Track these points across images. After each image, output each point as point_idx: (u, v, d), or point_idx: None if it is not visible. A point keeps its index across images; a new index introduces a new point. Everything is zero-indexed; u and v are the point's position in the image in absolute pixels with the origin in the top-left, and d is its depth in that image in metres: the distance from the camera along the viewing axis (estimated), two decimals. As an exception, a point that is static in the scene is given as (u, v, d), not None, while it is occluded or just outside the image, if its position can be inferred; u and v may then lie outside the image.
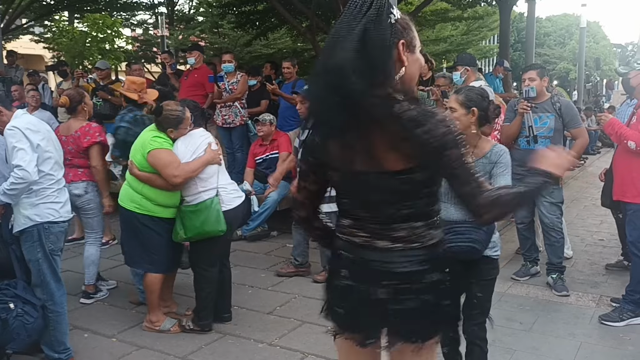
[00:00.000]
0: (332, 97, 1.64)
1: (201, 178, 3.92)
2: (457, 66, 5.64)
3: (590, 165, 11.76)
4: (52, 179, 3.42)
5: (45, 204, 3.37)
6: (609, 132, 4.28)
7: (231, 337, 3.97)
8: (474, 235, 2.75)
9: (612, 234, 6.13)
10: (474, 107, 2.91)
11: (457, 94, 2.98)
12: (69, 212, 3.54)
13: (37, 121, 3.46)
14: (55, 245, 3.43)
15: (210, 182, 3.96)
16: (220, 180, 4.03)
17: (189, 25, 19.01)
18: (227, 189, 4.06)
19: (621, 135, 4.11)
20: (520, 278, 5.02)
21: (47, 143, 3.37)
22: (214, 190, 3.95)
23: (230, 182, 4.18)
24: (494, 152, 2.91)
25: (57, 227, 3.43)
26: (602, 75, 31.67)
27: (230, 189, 4.09)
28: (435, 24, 17.72)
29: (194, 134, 4.03)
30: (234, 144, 7.34)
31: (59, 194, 3.46)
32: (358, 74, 1.60)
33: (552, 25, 39.71)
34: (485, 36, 23.11)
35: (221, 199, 3.96)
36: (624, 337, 3.90)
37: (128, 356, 3.74)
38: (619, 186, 4.30)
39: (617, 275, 5.09)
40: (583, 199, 8.46)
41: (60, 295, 3.50)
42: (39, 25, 18.07)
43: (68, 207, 3.54)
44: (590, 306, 4.47)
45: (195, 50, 7.82)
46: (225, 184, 4.08)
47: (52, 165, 3.41)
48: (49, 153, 3.38)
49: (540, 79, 4.76)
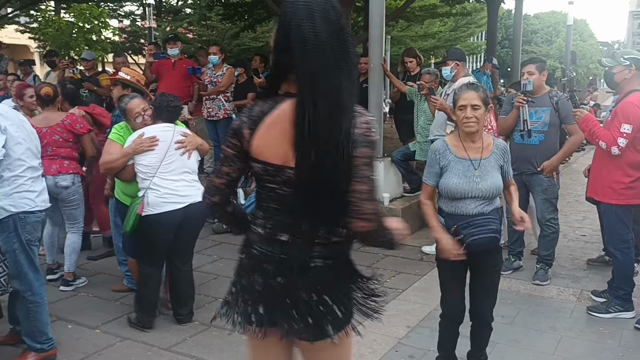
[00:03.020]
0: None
1: (138, 173, 3.88)
2: (448, 61, 5.60)
3: (574, 162, 11.88)
4: (23, 165, 3.31)
5: (19, 193, 3.29)
6: (582, 128, 4.31)
7: (215, 329, 3.98)
8: (493, 226, 2.89)
9: (595, 230, 6.22)
10: (490, 104, 2.99)
11: (476, 91, 2.91)
12: (45, 201, 3.46)
13: (8, 109, 3.42)
14: (32, 236, 3.37)
15: (143, 181, 3.86)
16: (159, 181, 3.81)
17: (177, 17, 18.85)
18: (160, 191, 3.79)
19: (593, 134, 4.15)
20: (503, 272, 5.05)
21: (16, 129, 3.28)
22: (145, 189, 3.84)
23: (177, 185, 3.85)
24: (499, 147, 3.02)
25: (33, 217, 3.36)
26: (588, 73, 31.90)
27: (164, 192, 3.79)
28: (424, 20, 17.72)
29: (149, 129, 3.95)
30: (220, 137, 7.33)
31: (34, 183, 3.38)
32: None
33: (539, 22, 39.83)
34: (473, 33, 23.14)
35: (147, 200, 3.78)
36: (604, 331, 3.97)
37: (112, 347, 3.74)
38: (592, 183, 4.39)
39: (599, 270, 5.17)
40: (567, 195, 8.55)
41: (39, 285, 3.45)
42: (24, 15, 17.81)
43: (45, 197, 3.46)
44: (571, 300, 4.53)
45: (178, 40, 7.78)
46: (163, 185, 3.80)
47: (23, 151, 3.30)
48: (19, 138, 3.28)
49: (539, 73, 4.78)
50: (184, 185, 3.88)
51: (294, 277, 1.80)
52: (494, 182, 2.92)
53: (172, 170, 3.87)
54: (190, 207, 3.85)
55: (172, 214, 3.81)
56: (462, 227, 2.87)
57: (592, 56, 32.72)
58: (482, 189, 2.90)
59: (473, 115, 2.87)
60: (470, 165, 2.93)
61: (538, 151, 4.79)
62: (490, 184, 2.91)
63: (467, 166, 2.93)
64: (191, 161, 4.00)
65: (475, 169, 2.92)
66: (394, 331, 3.88)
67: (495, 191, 2.93)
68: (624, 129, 3.95)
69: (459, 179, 2.92)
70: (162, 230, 3.85)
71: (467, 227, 2.87)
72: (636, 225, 4.82)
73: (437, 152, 3.02)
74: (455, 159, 2.96)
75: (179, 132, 3.98)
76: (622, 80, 4.15)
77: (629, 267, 4.24)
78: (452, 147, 3.00)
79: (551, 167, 4.75)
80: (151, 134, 3.88)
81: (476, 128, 2.90)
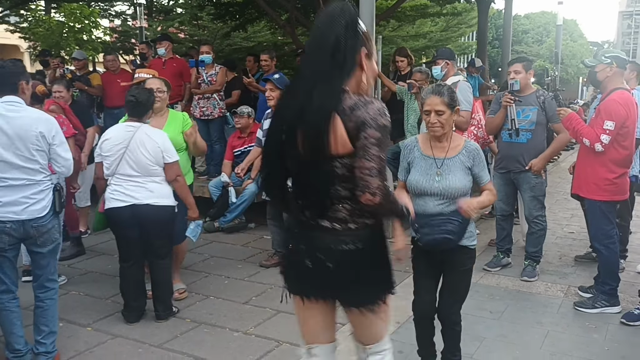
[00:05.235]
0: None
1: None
2: (437, 60, 5.61)
3: (563, 160, 12.00)
4: None
5: None
6: (566, 126, 4.37)
7: (206, 326, 4.00)
8: (448, 227, 2.86)
9: (582, 227, 6.27)
10: (457, 106, 2.96)
11: (441, 96, 2.91)
12: (10, 212, 3.20)
13: None
14: None
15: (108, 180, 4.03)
16: (114, 179, 3.95)
17: (168, 17, 18.80)
18: (111, 188, 3.96)
19: (577, 132, 4.21)
20: (492, 269, 5.14)
21: None
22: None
23: (127, 185, 3.91)
24: (469, 149, 2.98)
25: None
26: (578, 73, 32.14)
27: (112, 190, 3.94)
28: (415, 20, 17.77)
29: (112, 130, 4.10)
30: (212, 136, 7.32)
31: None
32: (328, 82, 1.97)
33: (530, 22, 40.10)
34: (463, 33, 23.22)
35: (106, 195, 4.00)
36: (590, 326, 4.03)
37: (103, 345, 3.76)
38: (577, 180, 4.45)
39: (586, 267, 5.23)
40: (555, 193, 8.65)
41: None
42: (14, 15, 17.71)
43: (9, 208, 3.20)
44: (558, 296, 4.59)
45: (165, 40, 7.73)
46: (115, 183, 3.94)
47: None
48: None
49: (526, 72, 4.84)
50: (132, 186, 3.92)
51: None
52: (454, 183, 2.90)
53: (123, 170, 3.93)
54: (136, 207, 3.89)
55: (117, 211, 3.91)
56: (420, 225, 2.90)
57: (582, 56, 32.97)
58: (440, 187, 2.89)
59: (437, 121, 2.90)
60: (433, 163, 2.95)
61: (526, 149, 4.84)
62: (449, 184, 2.89)
63: (429, 164, 2.95)
64: (146, 162, 3.90)
65: (437, 168, 2.93)
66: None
67: (456, 192, 2.89)
68: (606, 126, 4.01)
69: (420, 176, 2.94)
70: (113, 226, 4.06)
71: (424, 226, 2.89)
72: (621, 221, 4.91)
73: (406, 149, 3.07)
74: (420, 156, 2.99)
75: (143, 131, 3.92)
76: (604, 79, 4.20)
77: (614, 262, 4.30)
78: (420, 144, 3.03)
79: (539, 165, 4.80)
80: (111, 135, 3.99)
81: (441, 132, 2.93)
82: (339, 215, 2.07)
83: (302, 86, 2.04)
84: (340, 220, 2.07)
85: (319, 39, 2.00)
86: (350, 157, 1.98)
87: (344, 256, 2.08)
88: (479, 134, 5.70)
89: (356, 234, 2.08)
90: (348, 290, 2.16)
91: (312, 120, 1.95)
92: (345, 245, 2.07)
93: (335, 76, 1.97)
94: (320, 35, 2.00)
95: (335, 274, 2.10)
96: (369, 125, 1.94)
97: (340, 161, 1.99)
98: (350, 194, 2.02)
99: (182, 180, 4.09)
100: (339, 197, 2.05)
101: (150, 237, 4.01)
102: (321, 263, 2.09)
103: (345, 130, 1.96)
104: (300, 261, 2.14)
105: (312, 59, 2.06)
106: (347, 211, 2.07)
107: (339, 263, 2.08)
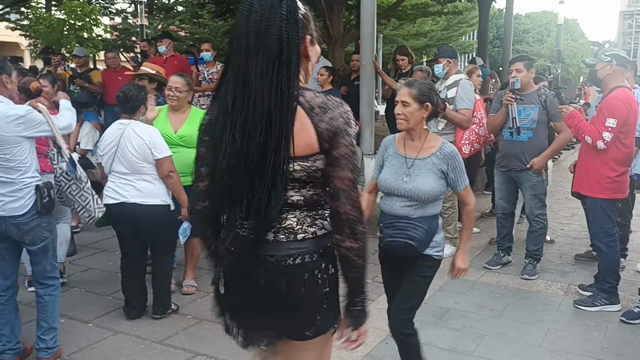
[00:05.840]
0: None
1: None
2: (439, 58, 5.57)
3: (564, 160, 11.99)
4: None
5: None
6: (568, 124, 4.38)
7: (207, 323, 4.01)
8: (412, 233, 2.73)
9: (583, 226, 6.28)
10: (428, 102, 2.82)
11: (410, 88, 2.83)
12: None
13: None
14: None
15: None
16: (110, 176, 4.01)
17: (169, 15, 18.84)
18: (107, 184, 4.02)
19: (579, 129, 4.22)
20: (492, 267, 5.15)
21: None
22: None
23: (119, 182, 3.94)
24: (444, 151, 2.82)
25: None
26: (579, 72, 32.11)
27: (106, 187, 4.00)
28: (416, 18, 17.78)
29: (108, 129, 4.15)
30: (212, 133, 7.33)
31: None
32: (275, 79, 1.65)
33: (531, 22, 40.02)
34: (464, 32, 23.26)
35: (103, 191, 4.04)
36: (590, 324, 4.04)
37: (104, 341, 3.77)
38: (578, 178, 4.46)
39: (586, 265, 5.24)
40: (556, 192, 8.65)
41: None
42: (15, 12, 17.72)
43: None
44: (558, 294, 4.60)
45: (165, 38, 7.74)
46: (109, 180, 3.99)
47: None
48: None
49: (527, 71, 4.84)
50: (123, 184, 3.93)
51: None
52: (422, 185, 2.75)
53: (116, 168, 3.95)
54: (125, 205, 3.90)
55: (109, 208, 3.91)
56: (385, 227, 2.82)
57: (582, 56, 32.92)
58: (407, 188, 2.76)
59: (402, 112, 2.81)
60: (404, 162, 2.84)
61: (527, 148, 4.85)
62: (417, 186, 2.75)
63: (400, 163, 2.85)
64: (133, 159, 3.88)
65: (407, 167, 2.82)
66: (384, 324, 3.91)
67: (424, 195, 2.74)
68: (609, 123, 4.02)
69: (389, 174, 2.85)
70: (110, 222, 4.08)
71: (389, 228, 2.79)
72: (621, 219, 4.92)
73: (383, 145, 2.99)
74: (393, 154, 2.90)
75: (131, 128, 3.89)
76: (605, 77, 4.21)
77: (614, 260, 4.31)
78: (396, 142, 2.93)
79: (540, 164, 4.81)
80: (106, 133, 4.05)
81: (405, 125, 2.83)
82: (286, 224, 1.76)
83: (251, 91, 1.66)
84: (288, 230, 1.76)
85: (262, 38, 1.65)
86: (309, 159, 1.72)
87: (290, 272, 1.76)
88: (481, 133, 5.70)
89: (305, 246, 1.77)
90: (290, 315, 1.81)
91: (273, 119, 1.65)
92: (291, 259, 1.76)
93: (290, 76, 1.67)
94: (263, 35, 1.65)
95: (279, 296, 1.77)
96: (346, 132, 1.73)
97: (301, 163, 1.72)
98: (304, 201, 1.76)
99: (175, 176, 3.98)
100: (291, 204, 1.76)
101: (143, 234, 4.03)
102: (267, 283, 1.77)
103: (315, 130, 1.70)
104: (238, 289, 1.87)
105: (258, 64, 1.65)
106: (296, 219, 1.77)
107: (285, 281, 1.76)
